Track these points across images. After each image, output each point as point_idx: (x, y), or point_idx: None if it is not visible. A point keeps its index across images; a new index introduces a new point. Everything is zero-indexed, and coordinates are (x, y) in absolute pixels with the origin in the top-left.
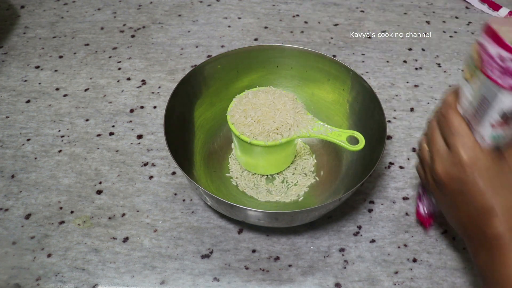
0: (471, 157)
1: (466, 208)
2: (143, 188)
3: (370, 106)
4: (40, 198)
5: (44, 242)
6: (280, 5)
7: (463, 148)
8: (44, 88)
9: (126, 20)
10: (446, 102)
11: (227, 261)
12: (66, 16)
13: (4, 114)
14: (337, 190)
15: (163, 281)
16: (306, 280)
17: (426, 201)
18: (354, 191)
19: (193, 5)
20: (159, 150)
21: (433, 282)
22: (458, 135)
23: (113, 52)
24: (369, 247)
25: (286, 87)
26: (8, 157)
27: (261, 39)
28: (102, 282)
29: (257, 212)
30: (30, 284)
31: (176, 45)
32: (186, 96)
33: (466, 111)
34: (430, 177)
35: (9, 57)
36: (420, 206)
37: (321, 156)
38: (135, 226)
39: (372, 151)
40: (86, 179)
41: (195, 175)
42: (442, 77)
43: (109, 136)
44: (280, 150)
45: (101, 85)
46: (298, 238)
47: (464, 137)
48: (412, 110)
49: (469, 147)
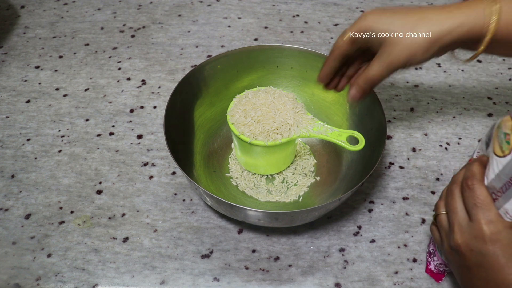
0: (494, 232)
1: (485, 281)
2: (143, 188)
3: (370, 106)
4: (40, 198)
5: (44, 242)
6: (280, 5)
7: (486, 222)
8: (44, 88)
9: (126, 20)
10: (472, 172)
11: (227, 261)
12: (66, 16)
13: (4, 114)
14: (337, 190)
15: (163, 281)
16: (306, 280)
17: (438, 260)
18: (354, 191)
19: (193, 5)
20: (159, 150)
21: (433, 283)
22: (482, 209)
23: (113, 52)
24: (369, 247)
25: (286, 87)
26: (8, 157)
27: (261, 39)
28: (102, 282)
29: (257, 212)
30: (30, 284)
31: (176, 45)
32: (186, 96)
33: (491, 184)
34: (447, 244)
35: (9, 57)
36: (432, 264)
37: (321, 156)
38: (135, 226)
39: (372, 151)
40: (86, 179)
41: (195, 175)
42: (442, 77)
43: (109, 136)
44: (280, 150)
45: (101, 85)
46: (298, 238)
47: (488, 211)
48: (412, 110)
49: (492, 222)
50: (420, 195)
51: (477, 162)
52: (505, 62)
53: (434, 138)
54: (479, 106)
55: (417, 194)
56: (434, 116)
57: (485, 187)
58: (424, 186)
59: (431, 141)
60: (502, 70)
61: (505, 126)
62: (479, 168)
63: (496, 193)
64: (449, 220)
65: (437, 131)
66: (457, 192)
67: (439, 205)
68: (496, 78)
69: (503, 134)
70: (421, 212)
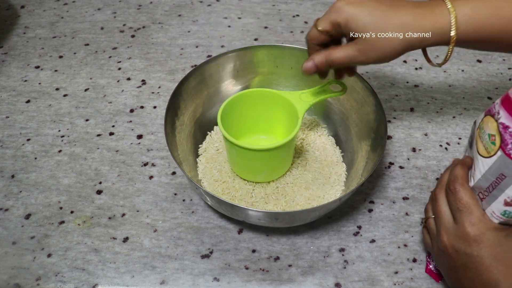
0: (477, 234)
1: (471, 281)
2: (143, 188)
3: (370, 106)
4: (40, 198)
5: (44, 242)
6: (280, 5)
7: (470, 225)
8: (44, 88)
9: (126, 20)
10: (454, 176)
11: (227, 261)
12: (66, 16)
13: (4, 114)
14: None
15: (163, 281)
16: (306, 280)
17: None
18: (354, 191)
19: (193, 5)
20: (159, 150)
21: (433, 283)
22: (465, 212)
23: (113, 52)
24: (369, 247)
25: (286, 87)
26: (8, 157)
27: (261, 39)
28: (102, 282)
29: (258, 212)
30: (30, 284)
31: (176, 45)
32: (186, 96)
33: (478, 184)
34: (436, 246)
35: (9, 57)
36: (431, 264)
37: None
38: (135, 226)
39: (372, 151)
40: (86, 179)
41: (195, 175)
42: (442, 77)
43: (109, 136)
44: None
45: (101, 85)
46: (298, 238)
47: (471, 214)
48: (412, 110)
49: (475, 224)
50: (420, 195)
51: (459, 165)
52: (505, 62)
53: (434, 138)
54: (479, 106)
55: (417, 194)
56: (434, 116)
57: (468, 190)
58: (424, 186)
59: (431, 141)
60: (502, 70)
61: (487, 127)
62: (461, 171)
63: (483, 192)
64: (436, 223)
65: (437, 131)
66: (441, 196)
67: (428, 209)
68: (496, 78)
69: (487, 135)
70: (421, 212)
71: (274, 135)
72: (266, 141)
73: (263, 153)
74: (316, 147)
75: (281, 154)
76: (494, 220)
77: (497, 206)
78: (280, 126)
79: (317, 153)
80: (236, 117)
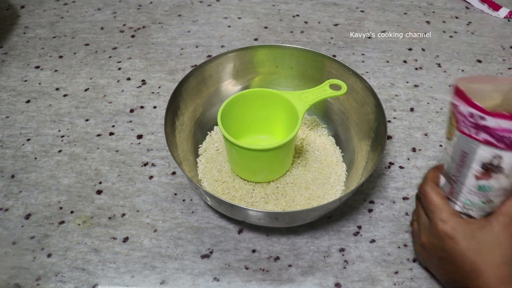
0: (449, 230)
1: (452, 273)
2: (143, 188)
3: (370, 106)
4: (40, 198)
5: (44, 242)
6: (280, 5)
7: (442, 222)
8: (44, 88)
9: (126, 20)
10: (425, 179)
11: (227, 261)
12: (66, 16)
13: (4, 114)
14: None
15: (163, 281)
16: (306, 280)
17: None
18: (354, 191)
19: (193, 5)
20: (159, 150)
21: (433, 282)
22: (435, 211)
23: (113, 52)
24: (369, 247)
25: (286, 87)
26: (8, 157)
27: (261, 39)
28: (102, 282)
29: (258, 212)
30: (30, 284)
31: (176, 45)
32: (186, 96)
33: (449, 169)
34: (418, 245)
35: (9, 57)
36: None
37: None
38: (135, 226)
39: (372, 151)
40: (86, 179)
41: (195, 175)
42: (442, 77)
43: (109, 136)
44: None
45: (101, 85)
46: (298, 238)
47: (441, 212)
48: (412, 110)
49: (446, 221)
50: None
51: (432, 168)
52: (505, 62)
53: (434, 138)
54: None
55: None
56: (434, 116)
57: (436, 191)
58: None
59: (431, 141)
60: (502, 70)
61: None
62: (431, 174)
63: (455, 175)
64: (417, 225)
65: (437, 131)
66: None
67: (413, 213)
68: None
69: (448, 119)
70: None
71: (274, 135)
72: (266, 141)
73: (263, 153)
74: (316, 147)
75: (281, 154)
76: (476, 198)
77: (471, 183)
78: (280, 126)
79: (317, 153)
80: (236, 117)
